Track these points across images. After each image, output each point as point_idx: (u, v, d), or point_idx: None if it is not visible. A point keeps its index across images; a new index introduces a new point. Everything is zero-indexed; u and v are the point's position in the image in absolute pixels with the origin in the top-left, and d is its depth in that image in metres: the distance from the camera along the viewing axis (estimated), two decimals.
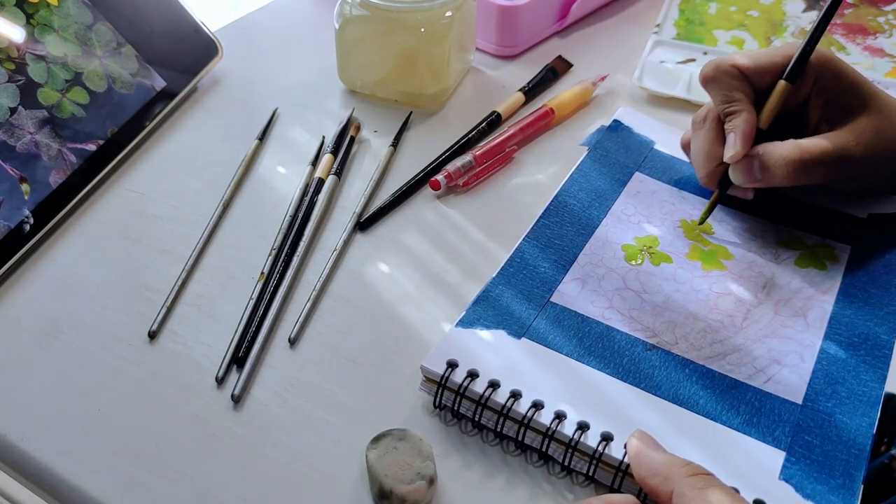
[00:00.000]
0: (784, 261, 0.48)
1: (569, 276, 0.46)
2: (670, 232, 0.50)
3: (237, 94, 0.63)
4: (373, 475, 0.37)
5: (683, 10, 0.70)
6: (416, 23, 0.57)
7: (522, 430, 0.38)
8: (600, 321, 0.44)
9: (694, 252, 0.48)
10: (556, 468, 0.39)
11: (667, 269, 0.47)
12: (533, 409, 0.39)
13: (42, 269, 0.49)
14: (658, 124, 0.58)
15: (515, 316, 0.43)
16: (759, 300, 0.46)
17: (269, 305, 0.46)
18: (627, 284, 0.46)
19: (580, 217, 0.50)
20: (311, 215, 0.52)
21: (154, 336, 0.45)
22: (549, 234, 0.48)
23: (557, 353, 0.42)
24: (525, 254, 0.47)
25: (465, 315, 0.43)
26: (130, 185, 0.55)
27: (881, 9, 0.70)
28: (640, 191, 0.52)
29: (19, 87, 0.52)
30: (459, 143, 0.57)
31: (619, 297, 0.45)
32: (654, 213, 0.51)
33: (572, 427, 0.38)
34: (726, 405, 0.40)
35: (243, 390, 0.42)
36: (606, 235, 0.49)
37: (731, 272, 0.47)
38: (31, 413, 0.41)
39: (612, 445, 0.37)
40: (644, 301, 0.45)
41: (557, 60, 0.65)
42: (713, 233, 0.50)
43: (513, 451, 0.40)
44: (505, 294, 0.44)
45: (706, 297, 0.46)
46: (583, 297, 0.45)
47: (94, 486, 0.38)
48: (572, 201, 0.51)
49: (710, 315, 0.45)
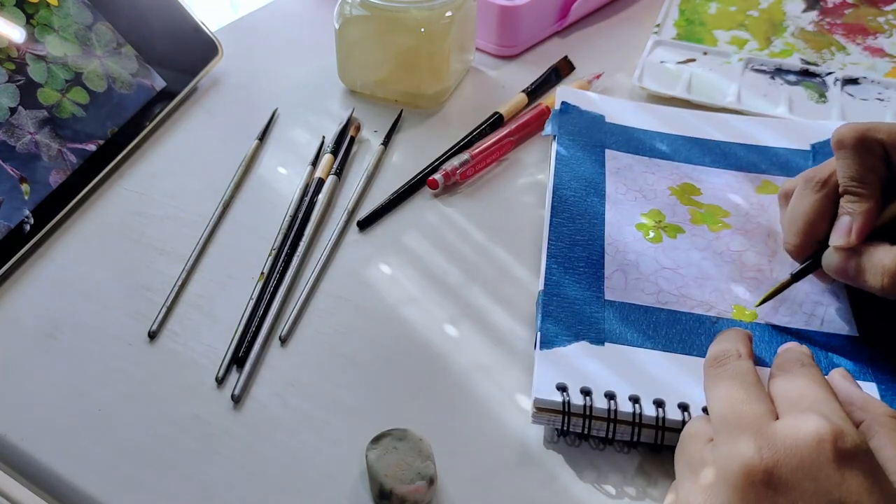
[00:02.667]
0: (769, 206, 0.50)
1: (608, 270, 0.46)
2: (666, 201, 0.50)
3: (237, 95, 0.63)
4: (373, 475, 0.37)
5: (683, 10, 0.70)
6: (416, 23, 0.57)
7: (660, 433, 0.38)
8: (661, 307, 0.44)
9: (696, 216, 0.49)
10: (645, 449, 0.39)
11: (684, 239, 0.48)
12: (660, 409, 0.38)
13: (42, 269, 0.49)
14: (596, 97, 0.58)
15: (586, 323, 0.43)
16: (772, 248, 0.47)
17: (268, 306, 0.46)
18: (662, 264, 0.46)
19: (585, 207, 0.50)
20: (311, 215, 0.52)
21: (154, 336, 0.45)
22: (567, 232, 0.48)
23: (642, 349, 0.42)
24: (558, 258, 0.46)
25: (541, 336, 0.42)
26: (130, 185, 0.55)
27: (881, 9, 0.70)
28: (620, 167, 0.52)
29: (19, 87, 0.52)
30: (460, 143, 0.57)
31: (662, 278, 0.46)
32: (643, 187, 0.51)
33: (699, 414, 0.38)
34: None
35: (243, 390, 0.42)
36: (617, 220, 0.49)
37: (736, 229, 0.49)
38: (31, 413, 0.41)
39: None
40: (684, 276, 0.46)
41: (563, 62, 0.64)
42: (701, 193, 0.51)
43: (624, 450, 0.40)
44: (564, 304, 0.44)
45: (730, 258, 0.47)
46: (632, 288, 0.45)
47: (94, 486, 0.38)
48: (569, 193, 0.50)
49: (744, 274, 0.46)
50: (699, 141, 0.55)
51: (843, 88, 0.61)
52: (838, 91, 0.61)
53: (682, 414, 0.38)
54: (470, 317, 0.46)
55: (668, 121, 0.57)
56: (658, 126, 0.56)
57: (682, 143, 0.55)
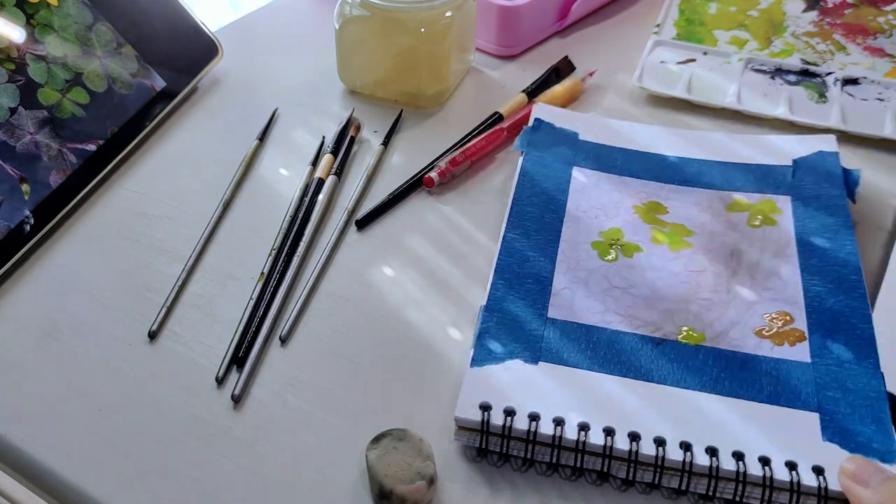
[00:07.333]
0: (737, 225, 0.49)
1: (555, 287, 0.45)
2: (628, 220, 0.50)
3: (237, 95, 0.63)
4: (373, 475, 0.37)
5: (683, 10, 0.70)
6: (416, 23, 0.57)
7: (580, 456, 0.38)
8: (604, 327, 0.43)
9: (657, 235, 0.49)
10: (567, 472, 0.39)
11: (640, 258, 0.47)
12: (583, 433, 0.38)
13: (42, 269, 0.49)
14: (573, 114, 0.58)
15: (522, 341, 0.42)
16: (733, 269, 0.46)
17: (269, 305, 0.46)
18: (612, 283, 0.46)
19: (541, 224, 0.49)
20: (311, 215, 0.52)
21: (154, 336, 0.45)
22: (520, 248, 0.47)
23: (578, 370, 0.41)
24: (505, 272, 0.46)
25: (475, 353, 0.42)
26: (130, 185, 0.55)
27: (881, 9, 0.70)
28: (585, 185, 0.52)
29: (19, 87, 0.52)
30: (460, 143, 0.57)
31: (610, 297, 0.45)
32: (606, 205, 0.51)
33: (624, 440, 0.38)
34: (748, 381, 0.41)
35: (243, 390, 0.42)
36: (573, 237, 0.48)
37: (697, 248, 0.48)
38: (31, 413, 0.41)
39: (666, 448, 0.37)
40: (634, 296, 0.45)
41: (563, 62, 0.64)
42: (668, 212, 0.50)
43: (546, 472, 0.39)
44: (503, 321, 0.43)
45: (686, 278, 0.46)
46: (578, 306, 0.44)
47: (94, 486, 0.38)
48: (529, 209, 0.50)
49: (698, 295, 0.45)
50: (675, 159, 0.54)
51: (843, 88, 0.61)
52: (838, 91, 0.61)
53: (606, 438, 0.38)
54: (470, 317, 0.46)
55: (646, 138, 0.56)
56: (633, 144, 0.55)
57: (656, 161, 0.54)
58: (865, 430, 0.38)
